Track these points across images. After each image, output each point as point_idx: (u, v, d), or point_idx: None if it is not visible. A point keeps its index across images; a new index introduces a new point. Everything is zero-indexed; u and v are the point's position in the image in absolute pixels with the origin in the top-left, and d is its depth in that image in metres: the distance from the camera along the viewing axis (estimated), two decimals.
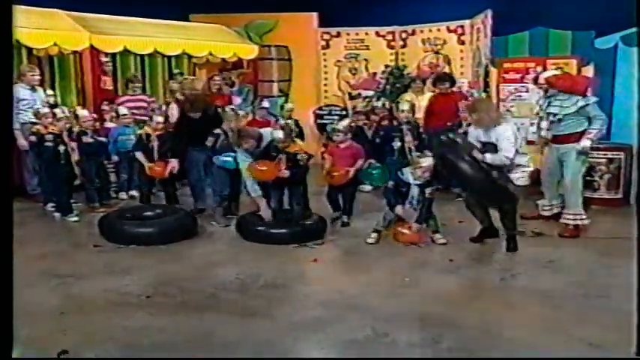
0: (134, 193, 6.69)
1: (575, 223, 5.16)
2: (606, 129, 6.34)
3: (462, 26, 8.42)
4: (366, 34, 9.23)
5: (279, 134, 5.32)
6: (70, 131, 6.03)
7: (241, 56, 8.69)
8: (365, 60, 9.25)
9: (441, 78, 7.21)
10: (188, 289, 3.92)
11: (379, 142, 6.85)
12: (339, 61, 9.36)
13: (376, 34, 9.17)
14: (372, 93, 8.82)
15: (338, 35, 9.33)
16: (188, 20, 9.01)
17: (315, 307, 3.60)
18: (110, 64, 7.44)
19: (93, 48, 7.02)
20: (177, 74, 7.90)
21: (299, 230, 5.07)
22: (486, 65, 7.44)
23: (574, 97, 5.10)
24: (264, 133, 5.32)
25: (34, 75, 6.43)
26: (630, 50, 6.19)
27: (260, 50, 8.96)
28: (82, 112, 6.21)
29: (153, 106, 7.15)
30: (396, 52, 9.08)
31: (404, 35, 9.02)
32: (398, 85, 8.53)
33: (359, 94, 9.16)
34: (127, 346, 3.07)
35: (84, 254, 4.77)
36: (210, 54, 8.29)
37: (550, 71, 5.66)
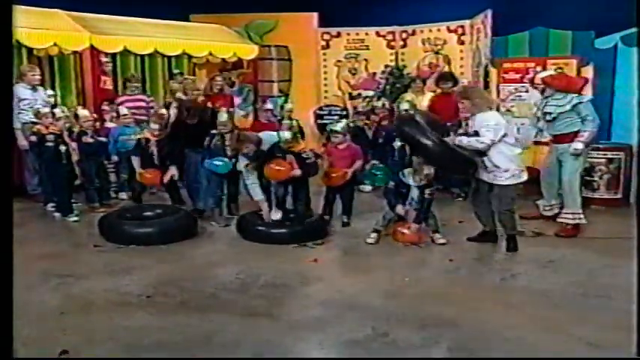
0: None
1: (574, 222, 5.16)
2: (606, 129, 6.41)
3: (462, 26, 8.41)
4: (366, 34, 9.22)
5: (286, 135, 5.39)
6: (70, 131, 6.03)
7: (241, 56, 8.68)
8: (365, 60, 9.24)
9: (444, 77, 7.20)
10: (188, 289, 3.93)
11: (381, 142, 6.86)
12: (339, 61, 9.35)
13: (376, 34, 9.16)
14: (372, 93, 8.82)
15: (338, 35, 9.32)
16: (188, 20, 9.00)
17: (315, 307, 3.61)
18: (110, 64, 7.44)
19: (93, 48, 7.01)
20: (178, 74, 7.89)
21: (299, 230, 5.07)
22: (486, 65, 7.43)
23: (569, 96, 5.11)
24: (264, 136, 5.32)
25: (34, 75, 6.43)
26: (630, 50, 6.19)
27: (260, 50, 8.95)
28: (83, 112, 6.22)
29: (152, 106, 7.16)
30: (396, 52, 9.07)
31: (404, 35, 9.01)
32: (398, 85, 8.53)
33: (359, 94, 9.16)
34: (128, 346, 3.08)
35: (84, 254, 4.77)
36: (211, 54, 8.29)
37: (546, 71, 5.67)
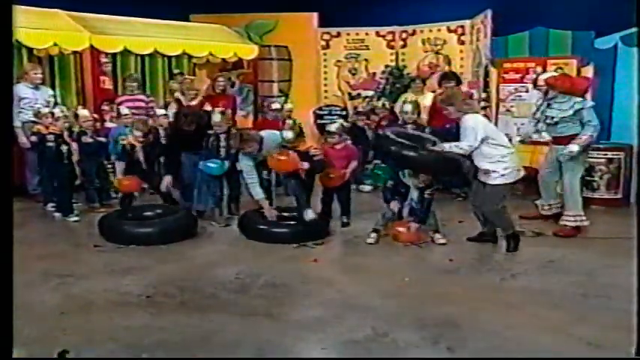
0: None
1: (576, 224, 5.16)
2: (606, 129, 6.41)
3: (462, 26, 8.40)
4: (366, 34, 9.21)
5: (288, 134, 5.42)
6: (70, 131, 6.03)
7: (241, 56, 8.67)
8: (365, 60, 9.23)
9: (447, 77, 7.19)
10: (188, 289, 3.93)
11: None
12: (339, 61, 9.34)
13: (376, 34, 9.15)
14: (372, 93, 8.82)
15: (338, 35, 9.31)
16: (188, 20, 8.99)
17: (315, 307, 3.61)
18: (109, 64, 7.44)
19: (93, 48, 7.01)
20: (178, 74, 7.90)
21: (301, 230, 5.07)
22: (486, 65, 7.43)
23: (572, 100, 5.08)
24: (266, 135, 5.35)
25: (37, 74, 6.46)
26: (630, 50, 6.19)
27: (260, 50, 8.95)
28: (83, 112, 6.21)
29: (151, 106, 7.15)
30: (396, 52, 9.06)
31: (404, 35, 9.00)
32: (398, 85, 8.52)
33: (359, 94, 9.15)
34: (128, 346, 3.08)
35: (84, 254, 4.78)
36: (211, 54, 8.28)
37: (549, 72, 5.65)
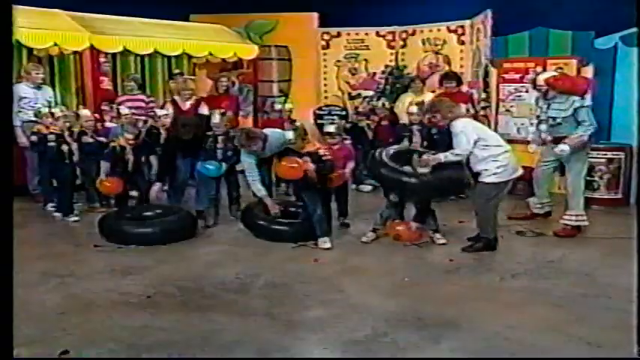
0: (134, 193, 6.65)
1: (577, 224, 5.16)
2: (606, 129, 6.43)
3: (462, 26, 8.40)
4: (366, 34, 9.21)
5: (289, 135, 5.47)
6: (70, 131, 6.03)
7: (241, 56, 8.68)
8: (365, 60, 9.24)
9: (448, 76, 7.20)
10: (188, 289, 3.93)
11: (392, 141, 6.88)
12: (339, 61, 9.34)
13: (376, 34, 9.15)
14: (372, 93, 8.82)
15: (338, 35, 9.32)
16: (188, 20, 9.00)
17: (315, 307, 3.61)
18: (109, 64, 7.43)
19: (93, 48, 7.02)
20: (178, 74, 7.90)
21: (301, 229, 5.08)
22: (486, 65, 7.43)
23: (571, 99, 5.09)
24: (270, 133, 5.39)
25: (38, 74, 6.48)
26: (630, 50, 6.19)
27: (260, 50, 8.95)
28: (84, 112, 6.21)
29: (151, 106, 7.14)
30: (396, 52, 9.06)
31: (404, 35, 9.00)
32: (398, 85, 8.53)
33: (359, 94, 9.16)
34: (128, 346, 3.08)
35: (84, 254, 4.78)
36: (210, 54, 8.28)
37: (548, 72, 5.64)
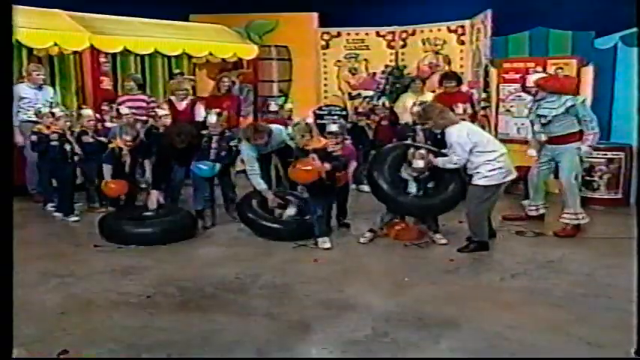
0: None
1: (577, 221, 5.16)
2: (606, 129, 6.43)
3: (462, 26, 8.41)
4: (366, 34, 9.22)
5: (288, 130, 5.54)
6: (71, 131, 6.03)
7: (241, 56, 8.67)
8: (365, 60, 9.24)
9: (448, 76, 7.20)
10: (188, 289, 3.93)
11: (392, 141, 6.90)
12: (339, 61, 9.35)
13: (376, 34, 9.16)
14: (372, 93, 8.82)
15: (338, 35, 9.32)
16: (188, 20, 9.00)
17: (315, 307, 3.61)
18: (108, 64, 7.43)
19: (93, 48, 7.01)
20: (178, 74, 7.90)
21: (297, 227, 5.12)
22: (486, 65, 7.44)
23: (562, 98, 5.11)
24: (275, 128, 5.50)
25: (39, 74, 6.48)
26: (630, 50, 6.19)
27: (260, 50, 8.95)
28: (86, 112, 6.20)
29: (152, 106, 7.15)
30: (396, 52, 9.07)
31: (404, 35, 9.01)
32: (398, 85, 8.54)
33: (359, 94, 9.16)
34: (128, 346, 3.08)
35: (84, 254, 4.77)
36: (211, 54, 8.28)
37: (537, 74, 5.68)
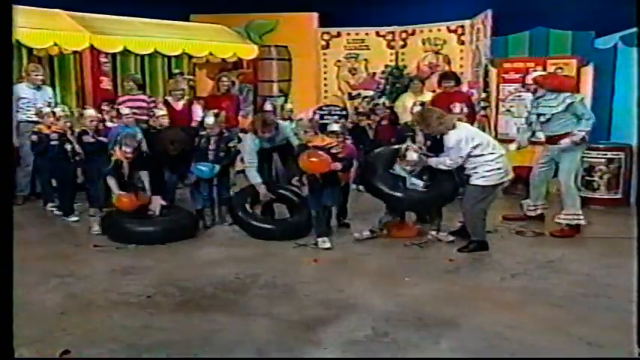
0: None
1: (574, 223, 5.15)
2: (606, 129, 6.43)
3: (462, 26, 8.42)
4: (366, 34, 9.23)
5: (292, 125, 5.89)
6: (72, 130, 6.03)
7: (241, 56, 8.68)
8: (365, 60, 9.25)
9: (447, 76, 7.21)
10: (188, 289, 3.93)
11: (394, 142, 6.91)
12: (339, 61, 9.36)
13: (376, 34, 9.17)
14: (371, 93, 8.82)
15: (338, 35, 9.33)
16: (188, 20, 9.01)
17: (315, 307, 3.61)
18: (109, 64, 7.43)
19: (93, 48, 7.02)
20: (178, 74, 7.90)
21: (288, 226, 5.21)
22: (486, 65, 7.44)
23: (561, 95, 5.11)
24: (281, 124, 5.69)
25: (37, 75, 6.49)
26: (630, 50, 6.19)
27: (260, 50, 8.96)
28: (89, 112, 6.18)
29: (153, 106, 7.14)
30: (396, 52, 9.08)
31: (404, 35, 9.02)
32: (398, 85, 8.54)
33: (359, 94, 9.17)
34: (128, 346, 3.08)
35: (84, 254, 4.78)
36: (211, 54, 8.29)
37: (537, 72, 5.68)
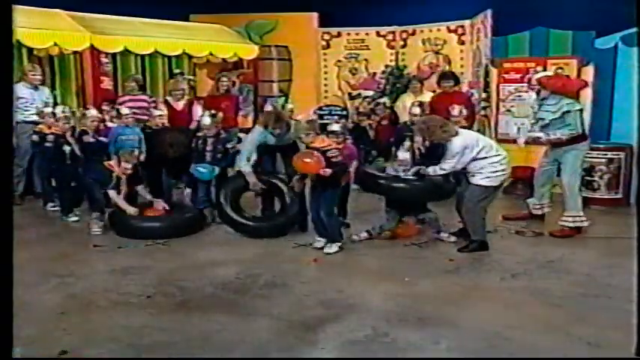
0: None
1: (575, 225, 5.15)
2: (606, 129, 6.44)
3: (462, 26, 8.41)
4: (366, 34, 9.22)
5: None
6: (72, 130, 6.03)
7: (241, 56, 8.68)
8: (365, 60, 9.25)
9: (446, 76, 7.21)
10: (188, 288, 3.93)
11: (393, 141, 6.92)
12: (339, 61, 9.35)
13: (376, 34, 9.16)
14: (372, 93, 8.82)
15: (338, 35, 9.33)
16: (188, 20, 9.01)
17: (315, 307, 3.61)
18: (109, 64, 7.43)
19: (93, 48, 7.02)
20: (178, 74, 7.90)
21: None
22: (486, 65, 7.44)
23: (561, 101, 5.11)
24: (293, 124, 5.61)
25: (35, 75, 6.49)
26: (630, 50, 6.19)
27: (260, 50, 8.96)
28: (91, 112, 6.18)
29: (153, 106, 7.14)
30: (396, 52, 9.07)
31: (404, 35, 9.01)
32: (398, 85, 8.54)
33: (359, 94, 9.17)
34: (128, 346, 3.08)
35: (84, 254, 4.78)
36: (211, 54, 8.29)
37: (542, 72, 5.66)
